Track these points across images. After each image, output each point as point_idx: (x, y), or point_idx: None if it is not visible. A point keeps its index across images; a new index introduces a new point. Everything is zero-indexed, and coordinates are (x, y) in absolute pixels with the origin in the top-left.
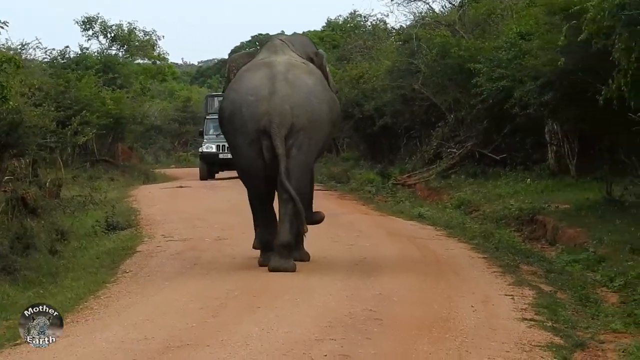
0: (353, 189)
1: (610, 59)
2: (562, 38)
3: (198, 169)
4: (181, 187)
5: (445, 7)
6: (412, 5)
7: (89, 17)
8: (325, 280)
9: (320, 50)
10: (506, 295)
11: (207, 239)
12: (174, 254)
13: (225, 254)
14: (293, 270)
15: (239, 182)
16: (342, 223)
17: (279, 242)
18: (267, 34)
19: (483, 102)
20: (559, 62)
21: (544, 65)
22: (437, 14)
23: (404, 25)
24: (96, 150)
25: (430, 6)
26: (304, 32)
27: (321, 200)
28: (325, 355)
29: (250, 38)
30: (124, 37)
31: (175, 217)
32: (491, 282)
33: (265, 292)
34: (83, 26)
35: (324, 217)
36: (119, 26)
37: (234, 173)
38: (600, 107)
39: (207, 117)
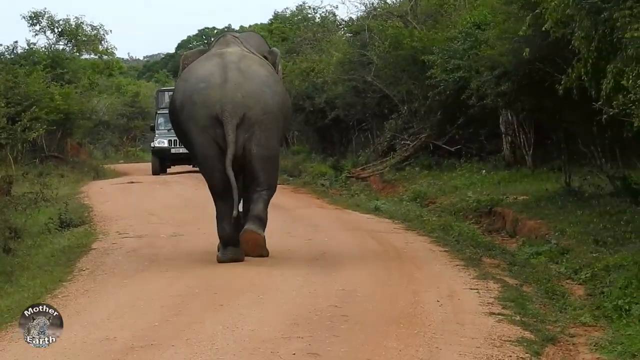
0: (306, 182)
1: (570, 47)
2: (524, 27)
3: (149, 164)
4: (132, 182)
5: None
6: None
7: (36, 12)
8: (287, 276)
9: (275, 48)
10: (471, 289)
11: (163, 235)
12: (130, 251)
13: (182, 251)
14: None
15: (190, 177)
16: (298, 217)
17: (253, 213)
18: (214, 28)
19: (440, 93)
20: (524, 53)
21: (501, 55)
22: (389, 4)
23: (353, 17)
24: (45, 146)
25: None
26: (250, 26)
27: (275, 194)
28: (294, 354)
29: (197, 32)
30: (72, 32)
31: (128, 213)
32: (455, 276)
33: (227, 290)
34: (30, 21)
35: None
36: (67, 21)
37: (186, 167)
38: (559, 97)
39: (158, 111)
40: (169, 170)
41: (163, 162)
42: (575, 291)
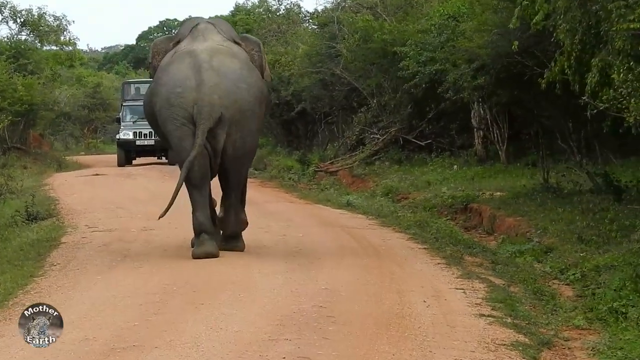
0: (273, 176)
1: (553, 40)
2: (513, 20)
3: (112, 156)
4: (97, 175)
5: None
6: None
7: None
8: (265, 274)
9: (254, 37)
10: (457, 289)
11: (133, 229)
12: (101, 246)
13: (154, 246)
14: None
15: (154, 170)
16: (269, 212)
17: (227, 233)
18: (175, 19)
19: (415, 86)
20: (513, 46)
21: (480, 47)
22: None
23: (318, 9)
24: (8, 137)
25: None
26: (210, 17)
27: None
28: (284, 358)
29: (158, 23)
30: (34, 22)
31: (95, 206)
32: (438, 274)
33: (205, 287)
34: None
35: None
36: (29, 11)
37: (151, 159)
38: (537, 91)
39: (124, 103)
40: (134, 162)
41: (129, 153)
42: (563, 292)
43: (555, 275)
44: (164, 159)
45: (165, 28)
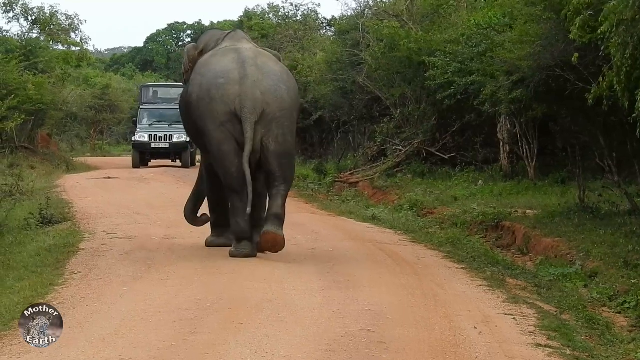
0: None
1: (600, 54)
2: (575, 30)
3: (119, 158)
4: (109, 178)
5: None
6: None
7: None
8: (301, 291)
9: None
10: (505, 314)
11: (154, 237)
12: (122, 254)
13: (179, 256)
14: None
15: (168, 175)
16: (293, 223)
17: (272, 212)
18: (184, 23)
19: (449, 97)
20: (573, 58)
21: (520, 59)
22: (384, 3)
23: (336, 16)
24: (16, 136)
25: None
26: (219, 22)
27: None
28: None
29: (166, 26)
30: (46, 21)
31: (111, 211)
32: (483, 298)
33: (241, 305)
34: (4, 8)
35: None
36: (41, 9)
37: (165, 162)
38: (576, 106)
39: (141, 106)
40: (149, 164)
41: (143, 155)
42: (616, 321)
43: (605, 302)
44: (178, 162)
45: (173, 31)
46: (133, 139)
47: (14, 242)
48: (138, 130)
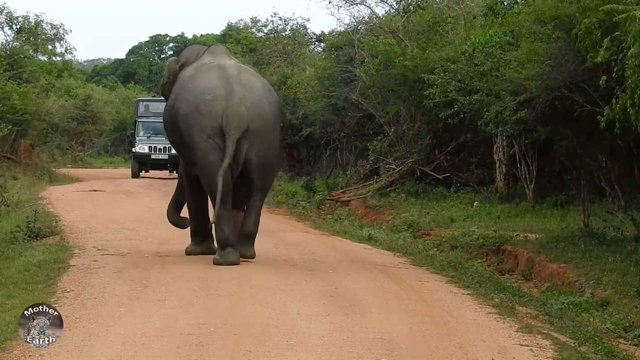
0: (280, 202)
1: (613, 75)
2: (601, 52)
3: (101, 170)
4: (95, 191)
5: (390, 12)
6: (354, 9)
7: None
8: (307, 316)
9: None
10: (521, 345)
11: (147, 254)
12: (116, 272)
13: (175, 275)
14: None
15: (154, 189)
16: (288, 243)
17: (244, 231)
18: (166, 35)
19: (452, 116)
20: (601, 81)
21: (527, 79)
22: (380, 19)
23: (325, 31)
24: None
25: (373, 11)
26: (201, 35)
27: None
28: None
29: (148, 38)
30: (30, 30)
31: (100, 226)
32: (495, 327)
33: (247, 330)
34: None
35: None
36: (26, 18)
37: (163, 174)
38: (583, 129)
39: (138, 120)
40: (142, 174)
41: (142, 166)
42: (634, 354)
43: (620, 333)
44: (174, 174)
45: (156, 44)
46: (133, 150)
47: (1, 256)
48: (137, 142)
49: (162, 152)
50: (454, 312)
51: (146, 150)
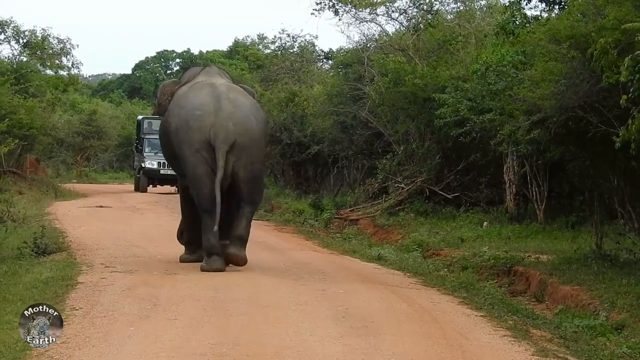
0: (287, 220)
1: (630, 95)
2: (623, 71)
3: (106, 185)
4: (101, 207)
5: (400, 30)
6: (364, 27)
7: (1, 21)
8: (320, 338)
9: (252, 89)
10: None
11: (156, 272)
12: (125, 290)
13: (184, 294)
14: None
15: (160, 205)
16: (297, 262)
17: (236, 234)
18: (173, 51)
19: (465, 135)
20: (621, 100)
21: (541, 99)
22: (390, 36)
23: (334, 49)
24: (4, 160)
25: (383, 28)
26: (208, 51)
27: (259, 232)
28: None
29: (155, 54)
30: (37, 44)
31: (107, 242)
32: (510, 350)
33: (260, 351)
34: None
35: None
36: (33, 32)
37: (169, 189)
38: (597, 150)
39: (145, 137)
40: (150, 189)
41: (151, 181)
42: None
43: (637, 358)
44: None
45: (162, 59)
46: (143, 165)
47: (8, 272)
48: (145, 158)
49: (171, 168)
50: (468, 335)
51: (155, 166)
